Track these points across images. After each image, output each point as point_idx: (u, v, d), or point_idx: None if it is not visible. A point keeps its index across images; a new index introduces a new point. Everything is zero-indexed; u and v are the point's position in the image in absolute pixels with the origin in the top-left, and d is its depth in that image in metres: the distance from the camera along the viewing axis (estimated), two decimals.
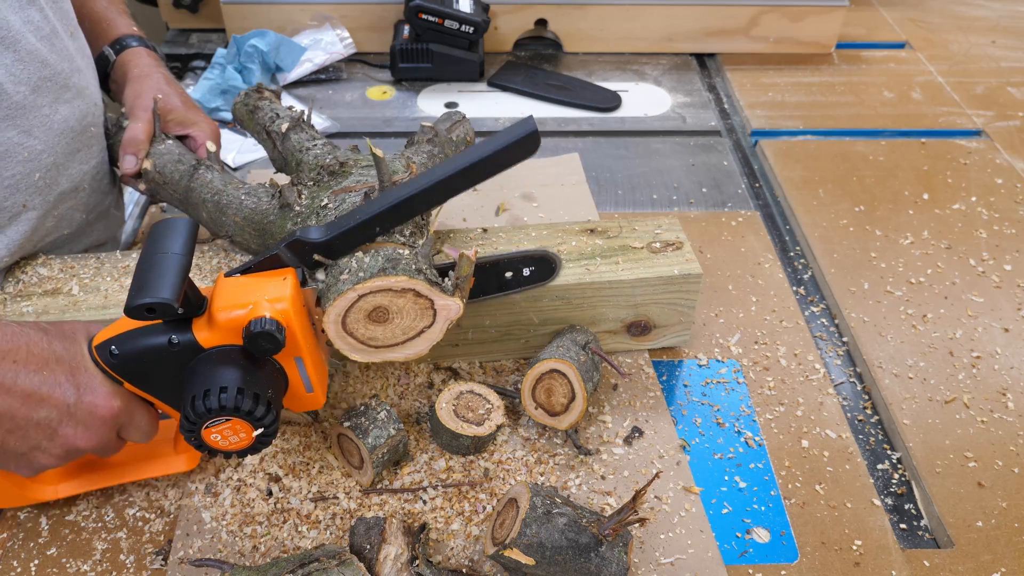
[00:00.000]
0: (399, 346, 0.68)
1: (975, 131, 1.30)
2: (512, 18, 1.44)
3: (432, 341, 0.68)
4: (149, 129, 0.92)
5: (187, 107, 0.97)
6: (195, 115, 0.97)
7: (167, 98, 0.95)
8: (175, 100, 0.96)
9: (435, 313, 0.66)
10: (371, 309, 0.65)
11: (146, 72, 0.97)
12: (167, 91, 0.96)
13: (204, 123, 0.97)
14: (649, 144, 1.27)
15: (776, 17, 1.45)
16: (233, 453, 0.63)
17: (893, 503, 0.78)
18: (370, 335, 0.66)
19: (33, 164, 0.82)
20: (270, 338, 0.60)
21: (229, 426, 0.61)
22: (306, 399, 0.68)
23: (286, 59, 1.33)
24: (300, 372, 0.66)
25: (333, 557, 0.64)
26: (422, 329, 0.67)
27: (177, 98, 0.96)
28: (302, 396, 0.67)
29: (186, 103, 0.97)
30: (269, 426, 0.62)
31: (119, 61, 0.99)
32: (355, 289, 0.64)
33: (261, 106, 0.92)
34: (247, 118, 0.93)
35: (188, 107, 0.97)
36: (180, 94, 0.97)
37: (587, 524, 0.65)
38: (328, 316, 0.65)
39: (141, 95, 0.94)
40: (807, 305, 0.99)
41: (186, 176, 0.88)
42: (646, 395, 0.85)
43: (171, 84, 0.98)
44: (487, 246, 0.85)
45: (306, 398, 0.68)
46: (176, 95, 0.96)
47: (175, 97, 0.96)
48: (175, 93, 0.96)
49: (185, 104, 0.97)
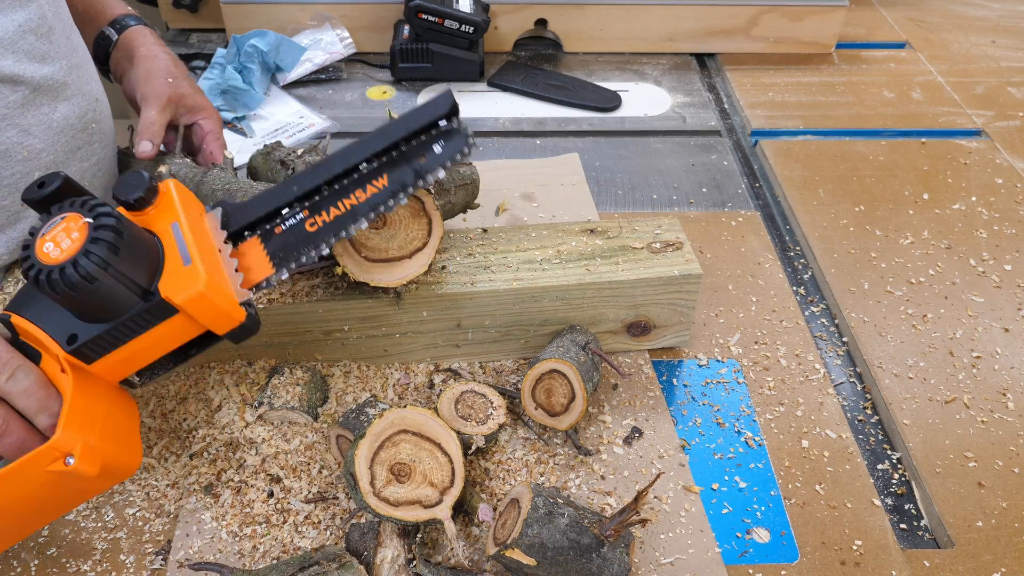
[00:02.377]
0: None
1: (975, 131, 1.30)
2: (512, 18, 1.44)
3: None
4: (164, 117, 0.91)
5: (195, 91, 0.96)
6: (203, 99, 0.96)
7: (176, 82, 0.93)
8: (184, 85, 0.94)
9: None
10: None
11: (153, 52, 0.95)
12: (175, 73, 0.94)
13: (211, 109, 0.97)
14: (649, 144, 1.27)
15: (776, 17, 1.45)
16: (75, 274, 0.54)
17: (893, 503, 0.78)
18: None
19: (33, 163, 0.82)
20: (136, 176, 0.59)
21: (63, 226, 0.55)
22: (185, 275, 0.59)
23: (286, 59, 1.33)
24: (176, 238, 0.60)
25: (333, 560, 0.64)
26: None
27: (185, 82, 0.95)
28: (179, 270, 0.59)
29: (193, 87, 0.97)
30: (104, 225, 0.55)
31: (121, 40, 0.96)
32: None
33: (277, 149, 0.92)
34: (261, 162, 0.92)
35: (196, 91, 0.97)
36: (187, 77, 0.97)
37: (589, 525, 0.65)
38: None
39: (152, 77, 0.92)
40: (807, 305, 0.99)
41: (199, 173, 0.88)
42: (646, 395, 0.85)
43: (178, 66, 0.97)
44: (487, 245, 0.85)
45: (185, 273, 0.59)
46: (184, 79, 0.95)
47: (184, 81, 0.95)
48: (183, 76, 0.96)
49: (193, 89, 0.96)
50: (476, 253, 0.84)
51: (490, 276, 0.82)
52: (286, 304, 0.79)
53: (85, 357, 0.59)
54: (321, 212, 0.68)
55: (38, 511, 0.62)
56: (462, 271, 0.82)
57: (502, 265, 0.83)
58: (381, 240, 0.75)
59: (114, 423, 0.61)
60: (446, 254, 0.84)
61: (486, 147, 1.25)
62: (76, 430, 0.57)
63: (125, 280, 0.57)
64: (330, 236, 0.68)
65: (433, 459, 0.68)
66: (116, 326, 0.58)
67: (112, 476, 0.61)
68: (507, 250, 0.85)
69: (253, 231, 0.68)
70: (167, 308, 0.59)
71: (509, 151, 1.24)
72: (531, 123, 1.31)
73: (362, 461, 0.66)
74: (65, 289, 0.54)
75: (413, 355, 0.85)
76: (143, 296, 0.58)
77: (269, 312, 0.79)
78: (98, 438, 0.58)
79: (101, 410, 0.60)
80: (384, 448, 0.67)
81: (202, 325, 0.61)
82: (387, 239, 0.75)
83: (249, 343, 0.80)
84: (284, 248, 0.67)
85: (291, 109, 1.30)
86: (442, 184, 0.85)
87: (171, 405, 0.80)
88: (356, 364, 0.84)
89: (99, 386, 0.61)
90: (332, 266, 0.75)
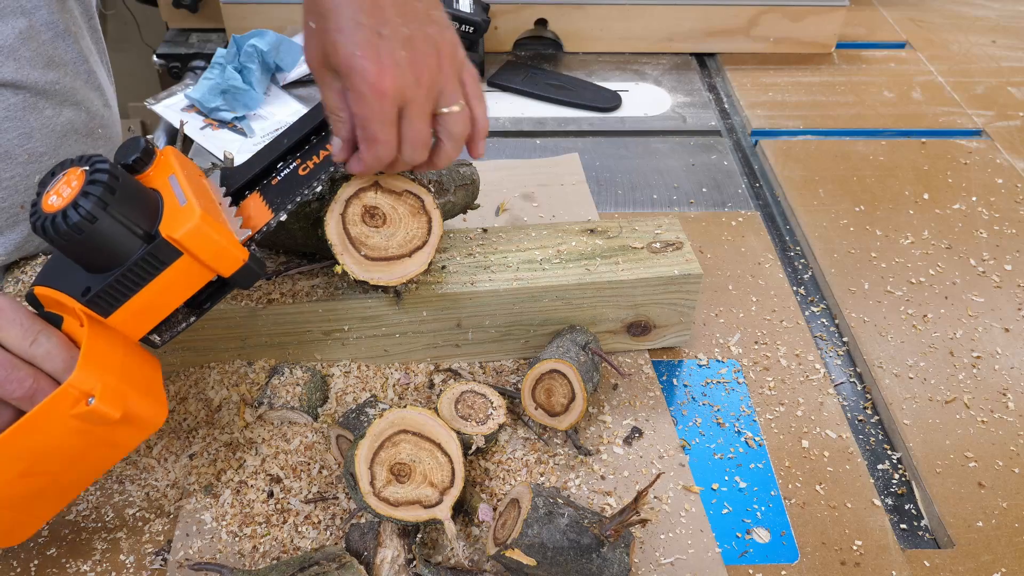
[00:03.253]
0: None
1: (975, 131, 1.30)
2: (512, 18, 1.44)
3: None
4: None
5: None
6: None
7: None
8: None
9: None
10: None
11: None
12: None
13: None
14: (649, 144, 1.27)
15: (776, 17, 1.45)
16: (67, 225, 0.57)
17: (893, 503, 0.78)
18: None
19: (34, 166, 0.82)
20: (135, 141, 0.62)
21: (64, 179, 0.58)
22: (181, 212, 0.61)
23: (286, 59, 1.33)
24: (173, 186, 0.63)
25: (333, 560, 0.64)
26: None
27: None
28: (176, 210, 0.62)
29: None
30: (99, 170, 0.58)
31: None
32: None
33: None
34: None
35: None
36: None
37: (589, 525, 0.65)
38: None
39: None
40: (807, 305, 0.99)
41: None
42: (646, 395, 0.85)
43: None
44: (487, 245, 0.85)
45: (181, 212, 0.61)
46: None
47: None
48: None
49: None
50: (476, 253, 0.84)
51: (490, 276, 0.82)
52: (286, 304, 0.79)
53: (101, 308, 0.61)
54: (312, 157, 0.70)
55: (72, 467, 0.62)
56: (462, 271, 0.82)
57: (502, 265, 0.83)
58: (381, 239, 0.75)
59: (135, 370, 0.63)
60: (446, 254, 0.84)
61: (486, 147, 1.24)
62: (94, 370, 0.58)
63: (124, 222, 0.59)
64: (321, 173, 0.70)
65: (433, 459, 0.68)
66: (124, 273, 0.60)
67: (138, 425, 0.62)
68: (507, 250, 0.85)
69: (252, 188, 0.71)
70: (170, 249, 0.61)
71: (509, 151, 1.24)
72: (531, 123, 1.31)
73: (362, 461, 0.66)
74: (67, 231, 0.57)
75: (413, 355, 0.85)
76: (146, 239, 0.61)
77: (269, 312, 0.79)
78: (118, 380, 0.60)
79: (119, 355, 0.62)
80: (384, 448, 0.67)
81: (207, 267, 0.63)
82: (387, 237, 0.75)
83: (249, 343, 0.81)
84: (280, 194, 0.70)
85: (291, 109, 1.30)
86: (442, 184, 0.85)
87: (171, 405, 0.80)
88: (356, 364, 0.84)
89: (117, 337, 0.63)
90: (332, 265, 0.75)
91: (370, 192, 0.74)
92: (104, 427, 0.60)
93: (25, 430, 0.58)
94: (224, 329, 0.80)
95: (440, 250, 0.84)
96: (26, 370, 0.59)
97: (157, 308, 0.64)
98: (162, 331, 0.66)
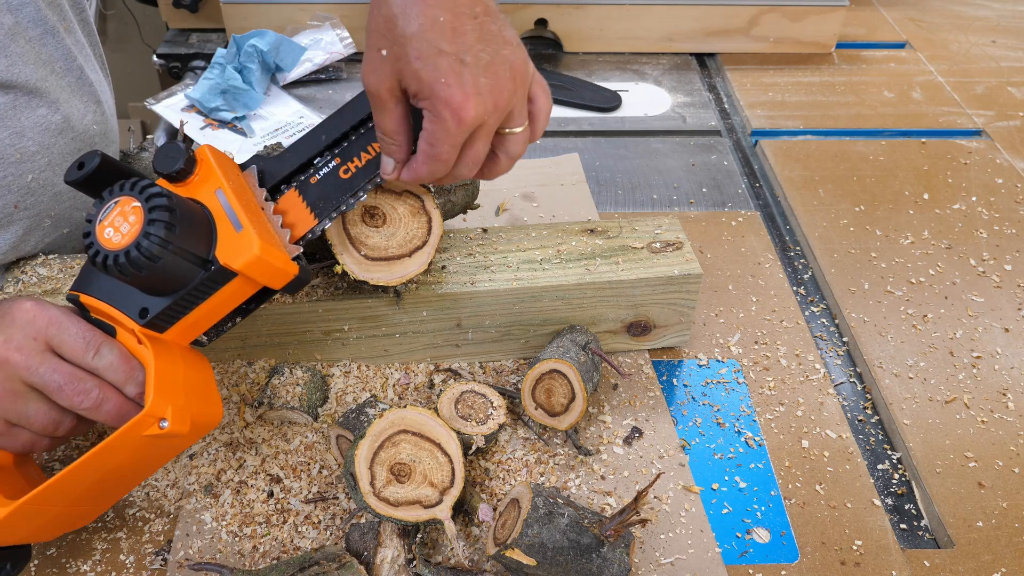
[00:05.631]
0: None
1: (975, 131, 1.30)
2: (512, 18, 1.44)
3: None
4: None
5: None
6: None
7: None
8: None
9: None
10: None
11: None
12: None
13: None
14: (649, 144, 1.27)
15: (776, 17, 1.45)
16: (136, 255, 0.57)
17: (893, 503, 0.78)
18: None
19: (26, 165, 0.82)
20: (174, 148, 0.62)
21: (117, 210, 0.59)
22: (239, 241, 0.62)
23: (286, 59, 1.33)
24: (223, 205, 0.63)
25: (333, 560, 0.64)
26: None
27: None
28: (232, 237, 0.62)
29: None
30: (158, 206, 0.58)
31: None
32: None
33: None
34: None
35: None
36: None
37: (589, 525, 0.65)
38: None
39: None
40: (807, 305, 0.99)
41: None
42: (646, 395, 0.85)
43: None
44: (487, 245, 0.85)
45: (238, 240, 0.62)
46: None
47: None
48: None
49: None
50: (476, 253, 0.84)
51: (490, 276, 0.82)
52: (286, 304, 0.79)
53: (157, 328, 0.63)
54: (352, 159, 0.70)
55: (135, 470, 0.66)
56: (462, 271, 0.82)
57: (502, 265, 0.83)
58: (381, 238, 0.75)
59: (194, 381, 0.65)
60: (446, 254, 0.84)
61: None
62: (165, 396, 0.61)
63: (185, 254, 0.60)
64: (364, 181, 0.70)
65: (433, 459, 0.68)
66: (182, 296, 0.62)
67: (200, 430, 0.65)
68: (507, 250, 0.85)
69: (289, 184, 0.71)
70: (227, 274, 0.63)
71: None
72: None
73: (362, 461, 0.66)
74: (132, 271, 0.58)
75: (413, 355, 0.85)
76: (203, 266, 0.62)
77: (269, 312, 0.79)
78: (184, 398, 0.62)
79: (180, 372, 0.64)
80: (384, 448, 0.67)
81: (259, 284, 0.65)
82: (387, 237, 0.75)
83: (249, 343, 0.81)
84: (322, 198, 0.70)
85: (291, 109, 1.30)
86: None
87: None
88: (356, 364, 0.84)
89: (174, 351, 0.65)
90: (332, 265, 0.75)
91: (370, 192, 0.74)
92: (172, 439, 0.63)
93: (105, 453, 0.61)
94: None
95: (440, 250, 0.84)
96: (92, 381, 0.61)
97: (209, 319, 0.66)
98: (209, 332, 0.68)
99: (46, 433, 0.62)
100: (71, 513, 0.65)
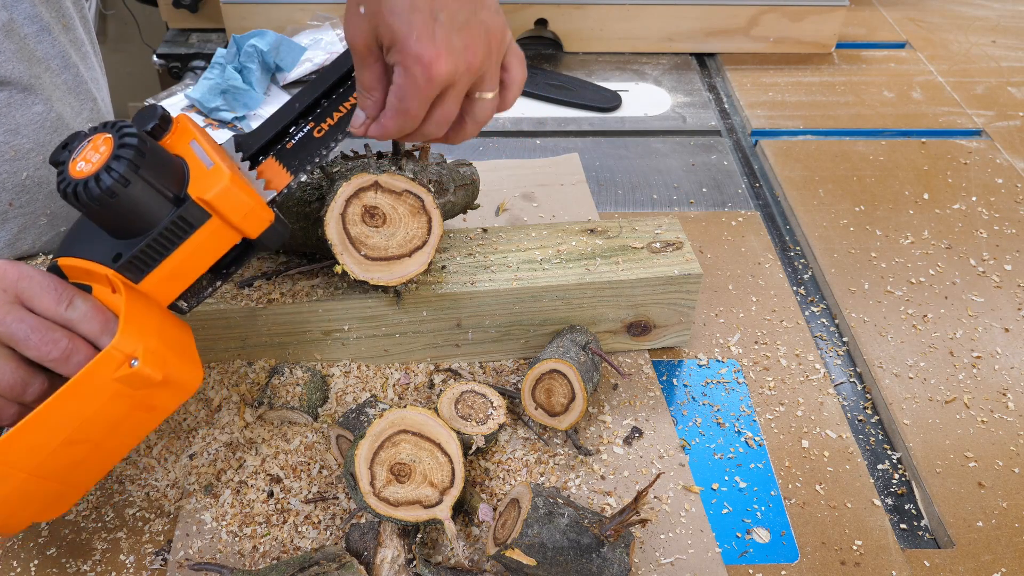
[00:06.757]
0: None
1: (975, 131, 1.30)
2: (512, 18, 1.44)
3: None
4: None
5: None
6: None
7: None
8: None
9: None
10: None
11: None
12: None
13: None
14: (649, 144, 1.27)
15: (776, 17, 1.45)
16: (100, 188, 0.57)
17: (893, 503, 0.78)
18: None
19: (20, 163, 0.82)
20: (151, 108, 0.62)
21: (90, 146, 0.59)
22: (210, 175, 0.62)
23: (286, 59, 1.33)
24: (196, 151, 0.64)
25: (333, 560, 0.64)
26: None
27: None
28: (204, 173, 0.63)
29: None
30: (127, 134, 0.59)
31: None
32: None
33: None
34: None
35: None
36: None
37: (589, 525, 0.65)
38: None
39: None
40: (807, 305, 0.99)
41: None
42: (646, 395, 0.85)
43: None
44: (487, 245, 0.85)
45: (209, 174, 0.62)
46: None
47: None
48: None
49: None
50: (476, 253, 0.84)
51: (490, 276, 0.82)
52: (286, 304, 0.79)
53: (133, 274, 0.62)
54: (325, 120, 0.71)
55: (112, 434, 0.63)
56: (462, 271, 0.82)
57: (502, 265, 0.83)
58: (381, 239, 0.75)
59: (171, 334, 0.64)
60: (446, 254, 0.84)
61: (486, 147, 1.25)
62: (136, 333, 0.59)
63: (155, 185, 0.60)
64: (336, 134, 0.71)
65: (433, 459, 0.68)
66: (155, 237, 0.61)
67: (177, 389, 0.63)
68: (507, 250, 0.85)
69: (267, 154, 0.71)
70: (200, 212, 0.62)
71: (509, 151, 1.24)
72: (531, 123, 1.31)
73: (362, 461, 0.66)
74: (101, 195, 0.57)
75: (413, 355, 0.85)
76: (175, 202, 0.61)
77: (269, 312, 0.79)
78: (158, 343, 0.61)
79: (156, 318, 0.62)
80: (384, 448, 0.67)
81: (236, 228, 0.64)
82: (387, 237, 0.75)
83: (249, 343, 0.81)
84: (297, 157, 0.71)
85: None
86: (442, 183, 0.85)
87: None
88: (356, 364, 0.84)
89: (151, 303, 0.64)
90: (332, 265, 0.75)
91: (370, 192, 0.74)
92: (144, 390, 0.60)
93: (69, 395, 0.58)
94: (224, 329, 0.80)
95: (440, 250, 0.84)
96: (61, 332, 0.59)
97: (186, 272, 0.65)
98: (188, 297, 0.67)
99: (13, 396, 0.60)
100: (39, 490, 0.61)
